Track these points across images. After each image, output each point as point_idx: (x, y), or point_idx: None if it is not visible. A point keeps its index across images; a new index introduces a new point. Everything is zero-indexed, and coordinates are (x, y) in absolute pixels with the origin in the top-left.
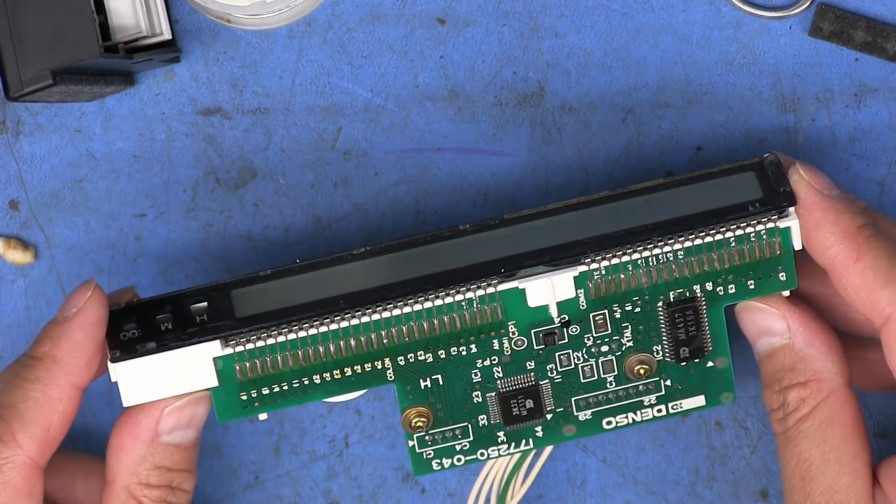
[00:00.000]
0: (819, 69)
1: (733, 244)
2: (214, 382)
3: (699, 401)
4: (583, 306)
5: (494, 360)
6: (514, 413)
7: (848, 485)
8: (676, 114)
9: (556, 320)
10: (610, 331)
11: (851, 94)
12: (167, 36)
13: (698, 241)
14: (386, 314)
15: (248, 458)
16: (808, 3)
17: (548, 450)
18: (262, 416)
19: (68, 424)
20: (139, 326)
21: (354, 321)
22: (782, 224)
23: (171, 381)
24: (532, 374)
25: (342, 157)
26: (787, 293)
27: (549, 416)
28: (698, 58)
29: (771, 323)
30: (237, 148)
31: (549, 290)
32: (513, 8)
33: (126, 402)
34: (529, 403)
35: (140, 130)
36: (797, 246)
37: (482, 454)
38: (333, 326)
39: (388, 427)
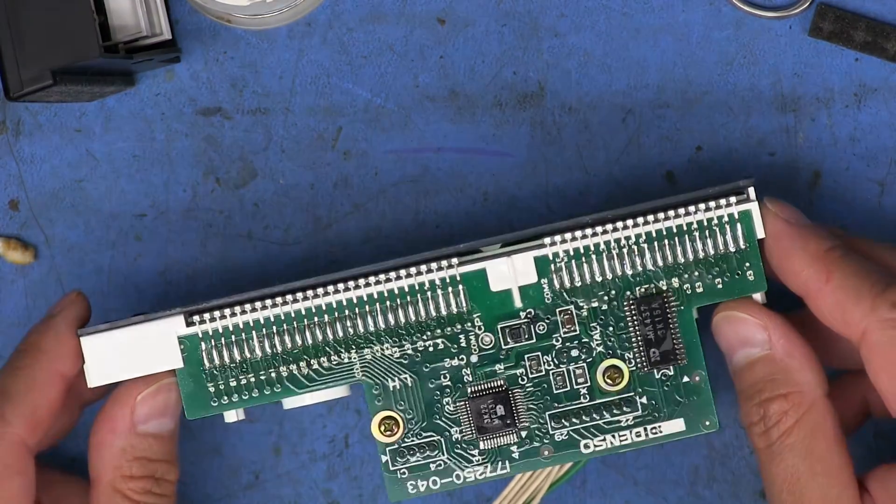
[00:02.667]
0: (819, 69)
1: (695, 230)
2: (180, 363)
3: (679, 425)
4: (548, 299)
5: (463, 359)
6: (486, 421)
7: (837, 495)
8: (676, 114)
9: (522, 314)
10: (578, 331)
11: (851, 94)
12: (167, 36)
13: (658, 226)
14: (349, 294)
15: (248, 458)
16: (808, 3)
17: None
18: (231, 418)
19: (54, 412)
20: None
21: (318, 301)
22: (742, 207)
23: (137, 360)
24: (502, 379)
25: (342, 157)
26: (760, 298)
27: (523, 434)
28: (698, 58)
29: (752, 333)
30: (237, 148)
31: (511, 270)
32: (513, 8)
33: (92, 383)
34: (500, 409)
35: (140, 130)
36: (759, 234)
37: (458, 477)
38: (297, 306)
39: None
